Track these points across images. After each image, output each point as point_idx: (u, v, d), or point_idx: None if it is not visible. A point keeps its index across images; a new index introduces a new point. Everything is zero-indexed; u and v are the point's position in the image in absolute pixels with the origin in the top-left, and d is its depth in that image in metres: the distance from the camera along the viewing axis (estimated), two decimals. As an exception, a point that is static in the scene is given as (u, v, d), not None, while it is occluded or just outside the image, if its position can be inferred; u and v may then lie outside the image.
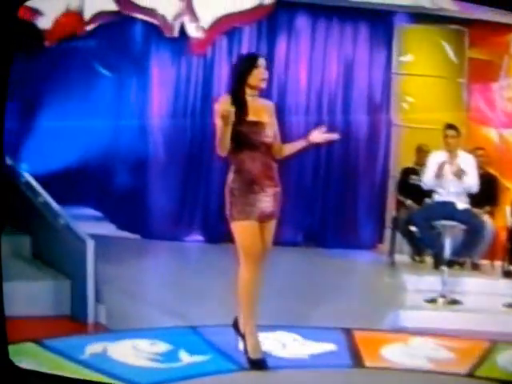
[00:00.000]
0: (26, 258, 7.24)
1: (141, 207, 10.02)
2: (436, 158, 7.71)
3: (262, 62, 4.98)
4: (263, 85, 4.96)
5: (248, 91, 4.93)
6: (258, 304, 4.97)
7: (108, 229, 10.36)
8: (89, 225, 10.13)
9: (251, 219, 4.85)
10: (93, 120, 11.56)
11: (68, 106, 11.53)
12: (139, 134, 10.19)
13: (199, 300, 6.52)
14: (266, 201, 4.89)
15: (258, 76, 4.93)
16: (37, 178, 12.02)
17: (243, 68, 4.96)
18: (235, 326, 5.00)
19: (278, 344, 5.33)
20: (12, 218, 7.90)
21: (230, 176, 4.92)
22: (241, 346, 4.94)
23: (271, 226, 5.01)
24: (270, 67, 9.51)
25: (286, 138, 9.82)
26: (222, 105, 4.81)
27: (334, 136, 5.26)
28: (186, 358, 4.93)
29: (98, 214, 11.67)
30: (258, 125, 4.90)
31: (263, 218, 4.92)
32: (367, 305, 6.76)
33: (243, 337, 4.91)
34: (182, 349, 5.05)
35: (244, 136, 4.83)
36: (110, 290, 6.50)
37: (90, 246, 6.37)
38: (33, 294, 6.34)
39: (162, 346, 5.09)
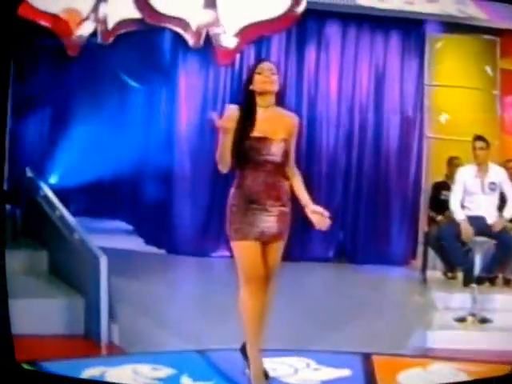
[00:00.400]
0: (42, 273, 7.13)
1: (167, 221, 9.83)
2: (465, 173, 7.51)
3: (265, 66, 4.59)
4: (269, 87, 4.53)
5: (260, 101, 4.55)
6: (279, 325, 4.90)
7: (136, 243, 10.26)
8: (117, 239, 10.26)
9: (250, 239, 4.49)
10: (122, 132, 11.49)
11: (97, 117, 11.48)
12: (166, 145, 10.02)
13: (222, 320, 6.18)
14: (269, 221, 4.51)
15: (262, 80, 4.53)
16: (67, 191, 12.11)
17: (247, 76, 4.68)
18: (243, 350, 4.69)
19: (290, 369, 5.07)
20: (30, 231, 7.91)
21: (231, 191, 4.59)
22: (247, 371, 4.66)
23: (277, 247, 4.62)
24: (298, 76, 9.60)
25: (316, 151, 9.88)
26: (226, 116, 4.48)
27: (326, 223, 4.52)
28: (187, 383, 4.69)
29: (129, 227, 11.59)
30: (262, 141, 4.49)
31: (265, 239, 4.54)
32: (394, 324, 6.58)
33: (248, 362, 4.61)
34: (186, 374, 4.79)
35: (245, 152, 4.47)
36: (127, 309, 6.33)
37: (104, 262, 6.14)
38: (45, 312, 6.16)
39: (165, 371, 4.84)
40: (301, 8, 8.64)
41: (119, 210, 12.27)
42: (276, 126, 4.55)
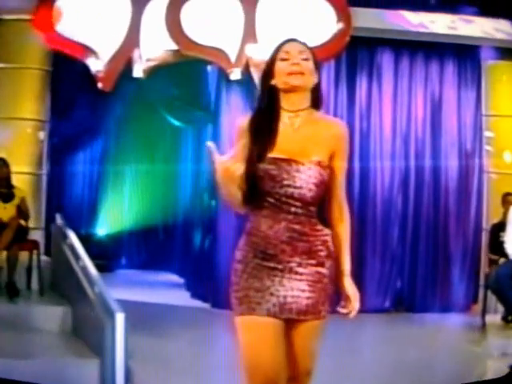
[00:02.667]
0: (65, 331, 6.72)
1: (212, 273, 9.29)
2: None
3: (293, 47, 3.07)
4: (299, 80, 3.02)
5: (285, 103, 3.06)
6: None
7: (182, 297, 9.77)
8: (162, 293, 9.82)
9: (260, 314, 2.98)
10: (168, 176, 11.20)
11: (142, 160, 11.24)
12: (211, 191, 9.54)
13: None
14: (295, 287, 3.01)
15: (288, 69, 3.02)
16: (117, 242, 11.82)
17: (266, 65, 3.12)
18: None
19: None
20: (58, 285, 7.57)
21: (240, 241, 3.14)
22: None
23: (308, 330, 3.07)
24: (349, 109, 9.01)
25: (369, 194, 9.27)
26: (236, 133, 3.13)
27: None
28: None
29: (180, 280, 11.20)
30: (282, 165, 3.00)
31: (288, 316, 3.01)
32: (450, 375, 6.00)
33: None
34: None
35: (258, 182, 3.01)
36: (149, 371, 5.77)
37: (120, 319, 5.62)
38: (58, 373, 5.69)
39: None
40: (349, 34, 8.18)
41: (171, 262, 11.93)
42: (309, 141, 3.04)
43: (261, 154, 3.01)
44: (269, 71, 3.07)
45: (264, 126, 3.04)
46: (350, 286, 3.12)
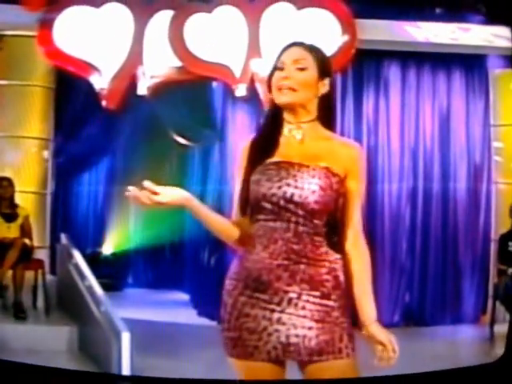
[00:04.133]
0: (70, 350, 6.66)
1: (218, 291, 9.18)
2: None
3: (289, 55, 2.72)
4: (289, 96, 2.66)
5: (288, 115, 2.72)
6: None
7: (189, 315, 9.66)
8: (170, 311, 9.73)
9: (258, 359, 2.60)
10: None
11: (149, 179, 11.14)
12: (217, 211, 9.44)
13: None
14: (296, 325, 2.57)
15: (280, 84, 2.69)
16: (124, 261, 11.73)
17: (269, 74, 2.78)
18: None
19: None
20: (64, 304, 7.50)
21: (232, 266, 2.77)
22: None
23: (333, 372, 2.60)
24: (356, 123, 8.90)
25: (378, 208, 9.14)
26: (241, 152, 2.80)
27: None
28: None
29: (186, 298, 11.10)
30: (283, 166, 2.64)
31: (295, 358, 2.59)
32: None
33: None
34: None
35: (255, 186, 2.66)
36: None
37: (126, 338, 5.58)
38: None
39: None
40: (355, 47, 8.10)
41: (178, 279, 11.82)
42: (317, 151, 2.66)
43: (260, 160, 2.67)
44: (268, 82, 2.74)
45: (266, 136, 2.72)
46: (380, 333, 2.69)
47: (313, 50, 2.74)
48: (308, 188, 2.58)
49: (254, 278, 2.60)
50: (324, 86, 2.72)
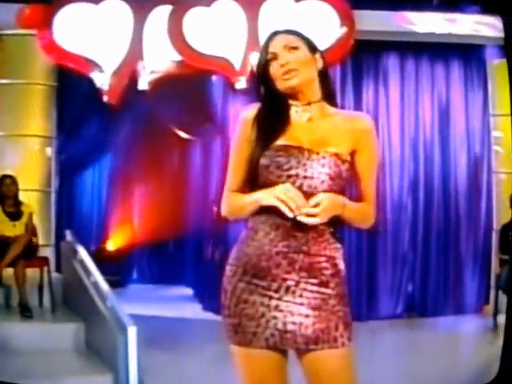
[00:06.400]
0: (78, 348, 6.65)
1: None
2: None
3: (277, 42, 2.69)
4: (292, 81, 2.64)
5: (292, 100, 2.71)
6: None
7: (194, 310, 9.69)
8: (175, 306, 9.76)
9: (257, 347, 2.62)
10: (179, 190, 11.15)
11: (152, 176, 11.19)
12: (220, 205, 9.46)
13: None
14: (294, 312, 2.59)
15: (278, 71, 2.66)
16: (129, 257, 11.77)
17: (259, 60, 2.74)
18: None
19: None
20: (70, 301, 7.51)
21: (233, 251, 2.75)
22: None
23: (329, 361, 2.60)
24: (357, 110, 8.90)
25: (379, 198, 9.05)
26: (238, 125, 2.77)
27: None
28: None
29: (191, 293, 11.14)
30: (291, 152, 2.61)
31: (292, 346, 2.62)
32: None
33: None
34: None
35: (260, 174, 2.64)
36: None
37: (132, 333, 5.58)
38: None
39: None
40: (353, 38, 8.10)
41: (182, 274, 11.85)
42: (325, 132, 2.67)
43: (268, 140, 2.62)
44: (264, 75, 2.70)
45: (272, 115, 2.67)
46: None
47: (293, 32, 2.75)
48: (318, 177, 2.59)
49: (253, 264, 2.61)
50: (319, 61, 2.73)
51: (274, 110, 2.69)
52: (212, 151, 10.06)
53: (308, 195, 2.55)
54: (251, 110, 2.74)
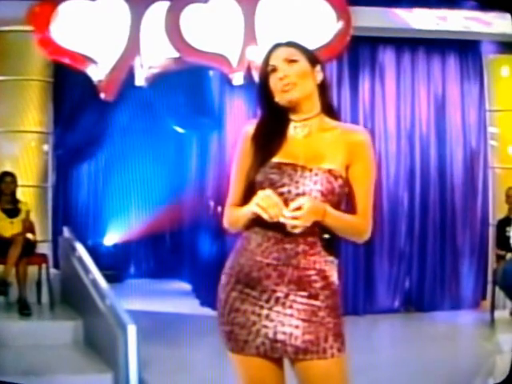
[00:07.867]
0: (77, 345, 6.66)
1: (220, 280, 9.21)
2: None
3: (277, 55, 2.73)
4: (290, 94, 2.67)
5: (291, 114, 2.73)
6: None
7: (192, 305, 9.70)
8: (173, 301, 9.76)
9: (249, 354, 2.68)
10: (175, 182, 11.14)
11: (149, 169, 11.18)
12: (217, 200, 9.47)
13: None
14: (284, 322, 2.63)
15: (276, 85, 2.70)
16: (127, 252, 11.76)
17: (260, 74, 2.77)
18: None
19: None
20: (68, 298, 7.52)
21: (228, 260, 2.81)
22: None
23: (319, 372, 2.64)
24: (353, 109, 8.92)
25: (375, 193, 9.08)
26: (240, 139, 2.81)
27: None
28: None
29: (189, 288, 11.13)
30: (284, 170, 2.66)
31: (281, 355, 2.66)
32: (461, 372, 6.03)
33: None
34: None
35: (258, 188, 2.66)
36: (163, 382, 5.75)
37: (132, 331, 5.59)
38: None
39: None
40: (350, 34, 8.11)
41: (180, 269, 11.84)
42: (319, 148, 2.70)
43: (264, 157, 2.68)
44: (265, 87, 2.72)
45: (270, 132, 2.71)
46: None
47: (294, 44, 2.77)
48: (309, 194, 2.62)
49: (245, 274, 2.67)
50: (318, 73, 2.74)
51: (272, 125, 2.73)
52: (208, 146, 10.06)
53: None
54: (252, 125, 2.79)
